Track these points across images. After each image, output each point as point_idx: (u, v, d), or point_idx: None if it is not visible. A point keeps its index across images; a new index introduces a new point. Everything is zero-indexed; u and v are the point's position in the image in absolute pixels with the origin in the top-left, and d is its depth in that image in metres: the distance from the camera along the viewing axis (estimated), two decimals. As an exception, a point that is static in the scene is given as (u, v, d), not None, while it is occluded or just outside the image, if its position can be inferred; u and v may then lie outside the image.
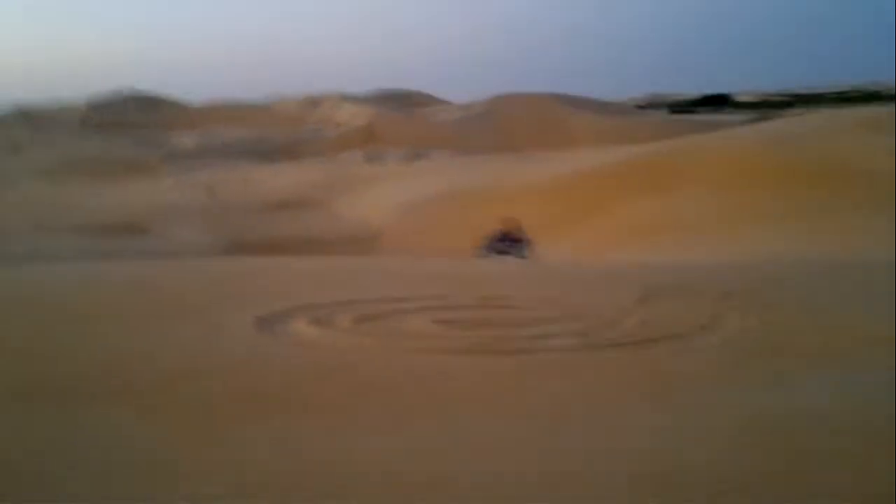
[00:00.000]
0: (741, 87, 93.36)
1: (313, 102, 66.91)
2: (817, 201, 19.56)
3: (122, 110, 65.16)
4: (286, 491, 2.93)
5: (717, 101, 78.33)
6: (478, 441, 3.49)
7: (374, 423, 3.78)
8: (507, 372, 4.65)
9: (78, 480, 3.06)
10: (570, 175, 26.00)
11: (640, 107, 73.74)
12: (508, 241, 17.21)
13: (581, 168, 27.34)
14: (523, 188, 26.08)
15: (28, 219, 26.50)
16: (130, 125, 61.23)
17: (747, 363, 4.86)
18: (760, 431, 3.53)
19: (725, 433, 3.52)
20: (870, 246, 13.11)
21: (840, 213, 18.30)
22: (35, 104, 64.51)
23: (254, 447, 3.41)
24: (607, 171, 26.69)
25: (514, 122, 58.50)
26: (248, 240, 22.85)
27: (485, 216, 22.53)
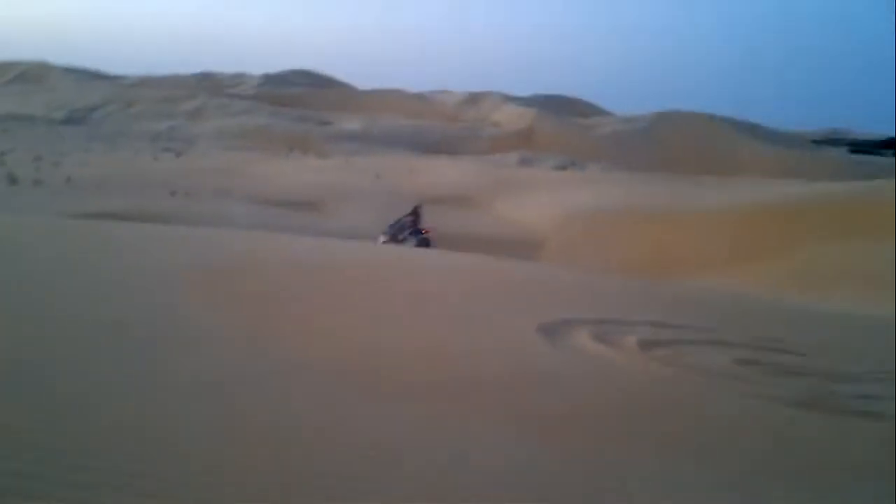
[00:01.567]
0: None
1: (473, 99, 67.66)
2: None
3: (293, 86, 68.39)
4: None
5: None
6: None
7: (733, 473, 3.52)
8: (855, 434, 4.26)
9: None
10: (745, 206, 24.73)
11: (816, 142, 69.53)
12: (410, 230, 17.31)
13: (755, 200, 25.94)
14: (692, 214, 25.07)
15: (208, 184, 28.07)
16: (300, 101, 64.12)
17: None
18: None
19: None
20: None
21: None
22: (216, 72, 68.81)
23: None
24: (783, 208, 25.17)
25: (678, 142, 56.76)
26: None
27: (656, 237, 21.89)
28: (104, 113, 51.91)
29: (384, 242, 16.81)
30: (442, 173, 37.83)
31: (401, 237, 17.45)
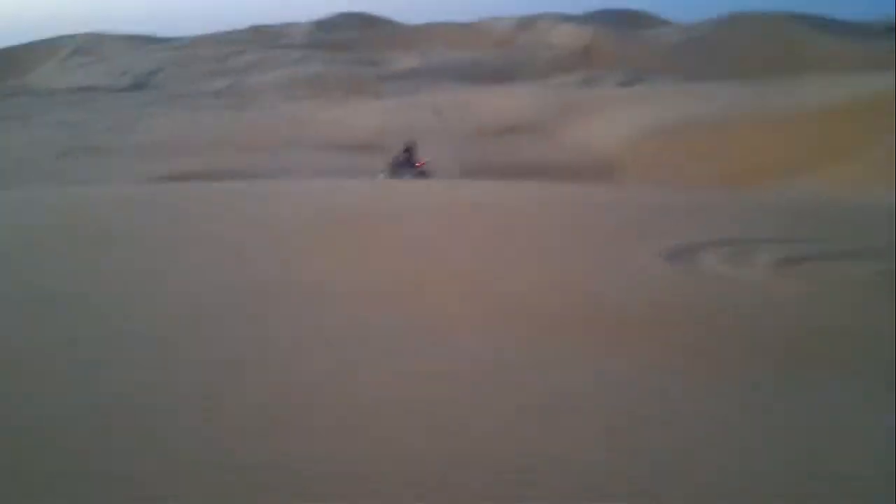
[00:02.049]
0: None
1: (526, 23, 65.88)
2: None
3: (342, 30, 67.79)
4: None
5: None
6: None
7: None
8: None
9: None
10: (820, 105, 23.58)
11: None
12: (407, 163, 18.34)
13: (829, 99, 24.65)
14: (769, 119, 24.06)
15: (276, 136, 28.31)
16: (352, 45, 63.60)
17: None
18: None
19: None
20: None
21: None
22: (266, 24, 68.66)
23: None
24: (859, 103, 23.88)
25: (743, 47, 54.30)
26: (482, 164, 22.96)
27: (729, 149, 21.18)
28: (163, 76, 52.58)
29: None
30: (502, 103, 37.20)
31: (398, 173, 18.11)
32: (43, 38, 61.09)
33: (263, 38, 65.23)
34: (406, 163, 18.86)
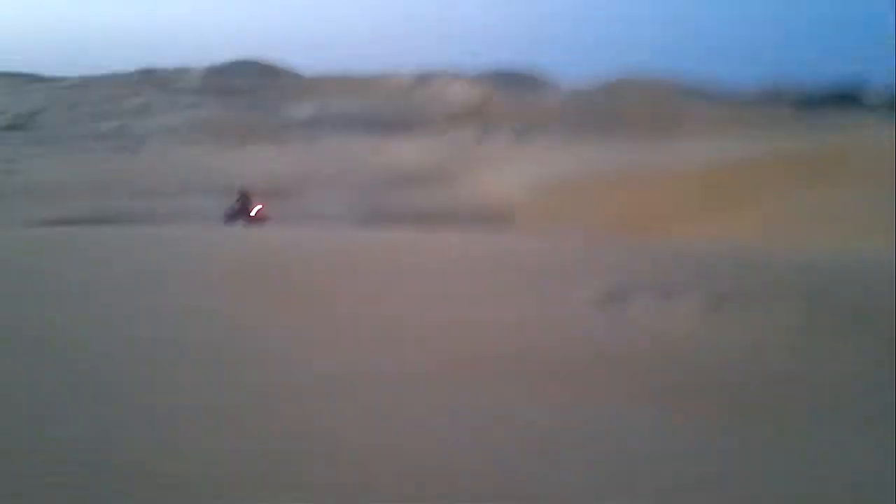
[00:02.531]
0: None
1: (423, 78, 67.38)
2: None
3: (238, 77, 67.19)
4: None
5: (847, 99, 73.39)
6: None
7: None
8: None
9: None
10: (707, 162, 25.25)
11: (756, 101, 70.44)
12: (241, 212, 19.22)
13: (716, 156, 26.46)
14: (656, 174, 25.49)
15: (172, 180, 27.65)
16: (246, 92, 63.08)
17: None
18: None
19: None
20: None
21: None
22: (159, 68, 67.22)
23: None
24: (745, 162, 25.72)
25: (627, 109, 57.33)
26: (385, 211, 23.21)
27: (622, 200, 22.27)
28: (47, 117, 50.51)
29: None
30: (400, 153, 37.80)
31: (232, 221, 19.08)
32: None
33: (154, 81, 63.78)
34: (240, 211, 19.53)
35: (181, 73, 65.98)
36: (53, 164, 33.48)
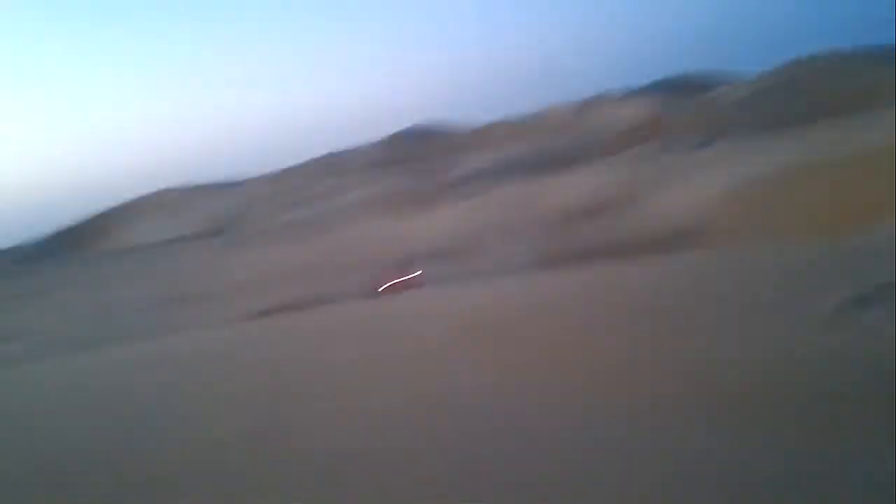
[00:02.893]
0: None
1: (588, 105, 66.16)
2: None
3: (405, 146, 69.59)
4: None
5: None
6: None
7: None
8: None
9: None
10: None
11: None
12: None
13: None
14: (850, 164, 22.53)
15: (358, 256, 28.52)
16: (416, 157, 65.02)
17: None
18: None
19: None
20: None
21: None
22: (335, 151, 71.37)
23: None
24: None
25: (813, 89, 52.79)
26: (568, 249, 22.37)
27: (823, 196, 19.92)
28: (242, 217, 54.63)
29: None
30: (576, 187, 36.79)
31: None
32: (129, 198, 64.95)
33: (335, 164, 67.55)
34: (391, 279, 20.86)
35: (355, 152, 69.39)
36: (253, 259, 35.76)
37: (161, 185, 65.62)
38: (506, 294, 10.74)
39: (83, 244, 55.62)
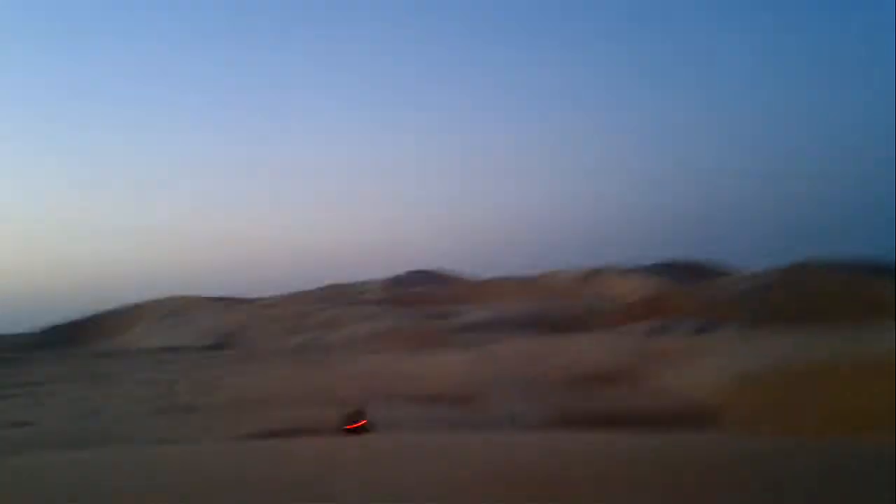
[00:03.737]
0: None
1: (592, 275, 68.11)
2: None
3: (413, 286, 71.01)
4: None
5: None
6: None
7: None
8: None
9: None
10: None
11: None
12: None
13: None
14: (861, 366, 23.41)
15: (358, 389, 28.72)
16: (422, 300, 66.21)
17: None
18: None
19: None
20: None
21: None
22: (342, 283, 72.52)
23: None
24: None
25: (811, 292, 54.55)
26: (576, 413, 22.71)
27: (828, 393, 20.56)
28: (247, 335, 54.92)
29: None
30: (579, 352, 37.43)
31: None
32: (133, 301, 65.46)
33: (340, 295, 68.55)
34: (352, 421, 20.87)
35: (362, 286, 70.75)
36: (254, 378, 35.86)
37: (165, 292, 66.33)
38: (526, 448, 10.93)
39: (81, 341, 55.61)
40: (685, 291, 56.88)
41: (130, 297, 66.27)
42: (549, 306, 61.64)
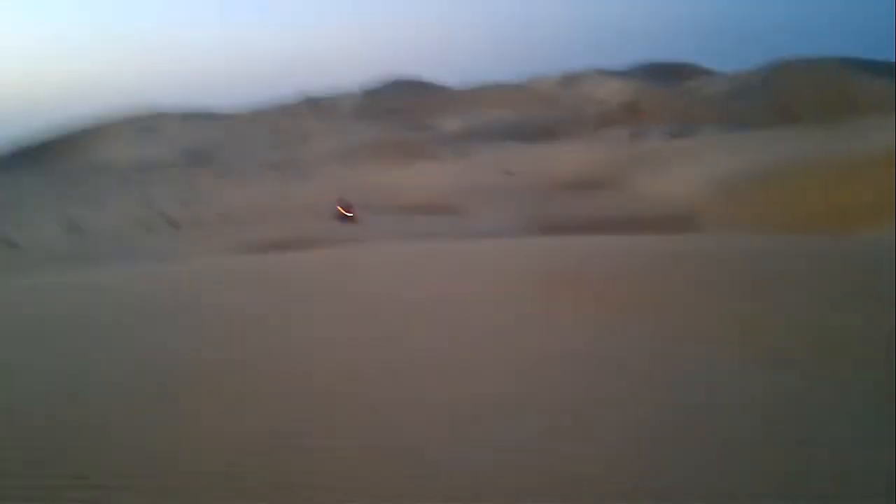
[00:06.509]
0: None
1: (571, 79, 66.93)
2: None
3: (392, 96, 69.54)
4: None
5: None
6: None
7: None
8: None
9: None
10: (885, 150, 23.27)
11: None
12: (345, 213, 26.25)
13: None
14: (840, 165, 23.72)
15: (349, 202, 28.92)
16: (401, 110, 65.15)
17: None
18: None
19: None
20: None
21: None
22: (317, 93, 70.80)
23: None
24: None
25: (791, 92, 54.34)
26: (557, 220, 23.16)
27: (819, 193, 20.97)
28: (223, 150, 54.26)
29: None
30: (560, 159, 37.58)
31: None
32: (105, 116, 63.71)
33: (315, 107, 67.17)
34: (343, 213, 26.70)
35: (339, 97, 69.17)
36: (234, 193, 35.84)
37: (137, 107, 64.43)
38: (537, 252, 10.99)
39: (55, 160, 54.73)
40: (664, 94, 56.34)
41: (101, 112, 64.20)
42: (530, 113, 61.00)
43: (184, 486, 3.31)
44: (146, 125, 61.16)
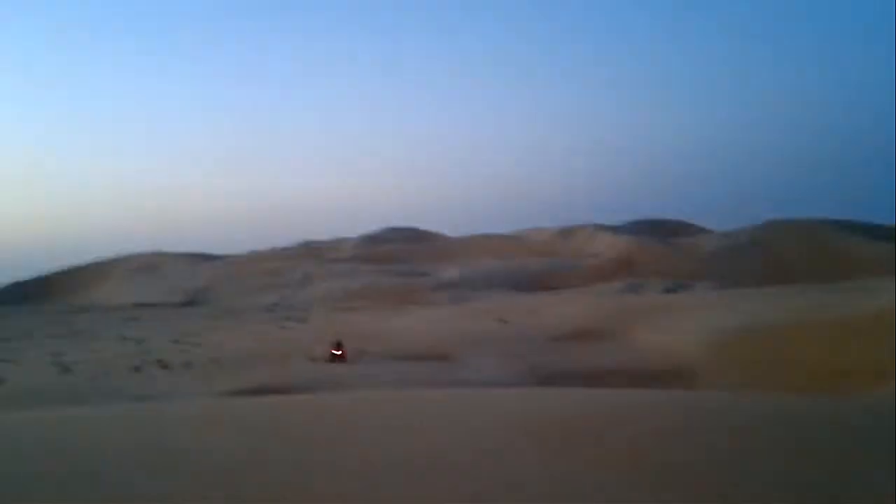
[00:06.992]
0: None
1: (567, 233, 68.33)
2: None
3: (390, 244, 70.71)
4: None
5: None
6: None
7: None
8: None
9: None
10: (880, 307, 23.39)
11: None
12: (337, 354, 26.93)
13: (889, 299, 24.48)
14: (837, 323, 23.74)
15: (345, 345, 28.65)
16: (399, 257, 66.02)
17: None
18: None
19: None
20: None
21: None
22: (317, 240, 72.00)
23: None
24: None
25: (784, 251, 55.38)
26: (553, 371, 22.87)
27: (819, 350, 20.81)
28: (221, 291, 54.44)
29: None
30: (558, 309, 37.60)
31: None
32: (106, 257, 64.45)
33: (313, 252, 68.10)
34: (336, 353, 27.22)
35: (337, 243, 70.33)
36: (230, 335, 35.60)
37: (137, 248, 65.33)
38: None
39: (53, 297, 54.78)
40: (658, 250, 57.34)
41: (101, 253, 65.08)
42: (526, 264, 61.83)
43: None
44: (144, 264, 61.75)
